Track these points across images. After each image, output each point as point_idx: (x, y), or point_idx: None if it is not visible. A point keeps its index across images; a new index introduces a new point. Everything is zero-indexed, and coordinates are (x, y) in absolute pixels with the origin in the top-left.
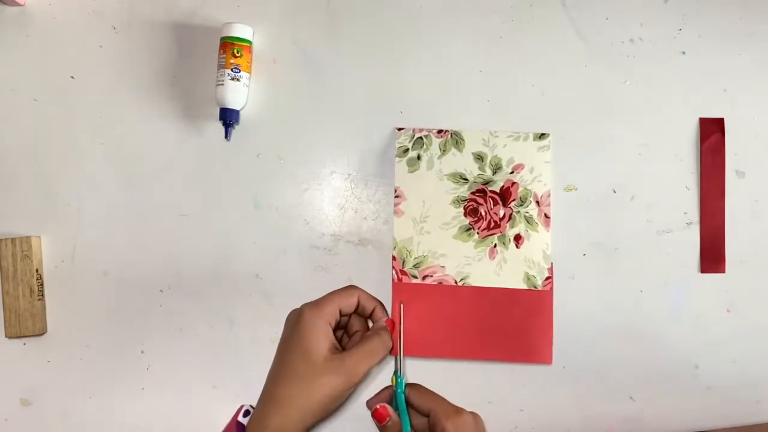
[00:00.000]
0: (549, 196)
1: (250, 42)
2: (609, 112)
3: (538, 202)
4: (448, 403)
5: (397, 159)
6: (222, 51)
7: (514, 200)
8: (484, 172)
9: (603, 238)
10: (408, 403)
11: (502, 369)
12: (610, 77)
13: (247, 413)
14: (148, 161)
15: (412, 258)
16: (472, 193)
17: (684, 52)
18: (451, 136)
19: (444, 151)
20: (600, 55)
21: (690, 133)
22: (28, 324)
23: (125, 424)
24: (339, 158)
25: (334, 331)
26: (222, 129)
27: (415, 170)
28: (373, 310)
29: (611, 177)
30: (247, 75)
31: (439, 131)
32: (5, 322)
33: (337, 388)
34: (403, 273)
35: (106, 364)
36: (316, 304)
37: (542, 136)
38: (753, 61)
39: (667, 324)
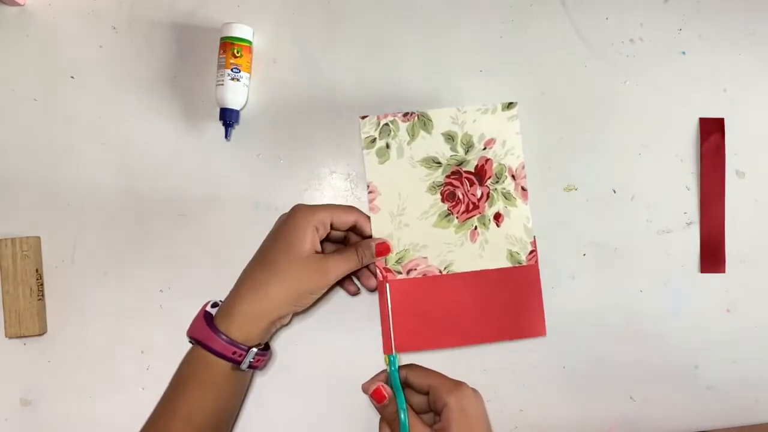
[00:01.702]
0: (524, 167)
1: (250, 42)
2: (609, 112)
3: (513, 176)
4: (448, 378)
5: (365, 151)
6: (222, 51)
7: (489, 178)
8: (457, 152)
9: (603, 238)
10: (407, 384)
11: (502, 368)
12: (610, 77)
13: (215, 305)
14: (148, 161)
15: (394, 254)
16: (447, 176)
17: (684, 52)
18: (418, 118)
19: (413, 135)
20: (600, 55)
21: (690, 133)
22: (28, 324)
23: (125, 424)
24: (339, 158)
25: (329, 242)
26: (222, 129)
27: (386, 160)
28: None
29: (611, 177)
30: (247, 75)
31: (405, 114)
32: (5, 322)
33: (313, 283)
34: (387, 270)
35: (106, 364)
36: (311, 207)
37: (510, 105)
38: (753, 61)
39: (667, 324)
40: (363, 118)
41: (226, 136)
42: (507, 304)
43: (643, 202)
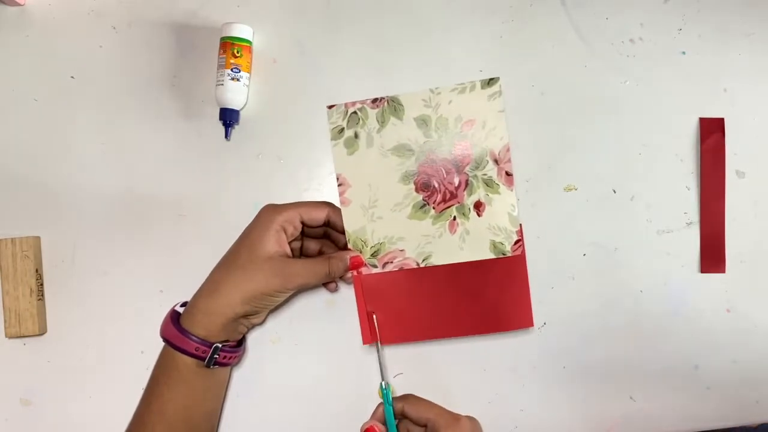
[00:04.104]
0: (508, 150)
1: (250, 42)
2: (609, 112)
3: (496, 161)
4: (445, 410)
5: (333, 142)
6: (222, 51)
7: (468, 164)
8: (430, 137)
9: (603, 238)
10: (404, 416)
11: (502, 368)
12: (610, 77)
13: (185, 304)
14: (148, 162)
15: (369, 248)
16: (421, 164)
17: (684, 52)
18: (388, 103)
19: (382, 122)
20: (600, 55)
21: (690, 133)
22: (28, 324)
23: (125, 424)
24: None
25: (313, 240)
26: (222, 129)
27: (355, 151)
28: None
29: (611, 177)
30: (247, 75)
31: (374, 101)
32: (5, 322)
33: (270, 287)
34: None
35: (106, 364)
36: (277, 206)
37: (491, 81)
38: (753, 61)
39: (667, 324)
40: (330, 107)
41: (226, 136)
42: (491, 296)
43: (643, 202)
